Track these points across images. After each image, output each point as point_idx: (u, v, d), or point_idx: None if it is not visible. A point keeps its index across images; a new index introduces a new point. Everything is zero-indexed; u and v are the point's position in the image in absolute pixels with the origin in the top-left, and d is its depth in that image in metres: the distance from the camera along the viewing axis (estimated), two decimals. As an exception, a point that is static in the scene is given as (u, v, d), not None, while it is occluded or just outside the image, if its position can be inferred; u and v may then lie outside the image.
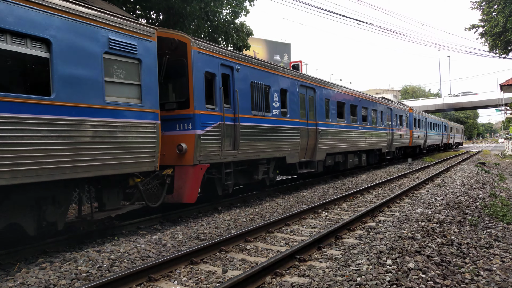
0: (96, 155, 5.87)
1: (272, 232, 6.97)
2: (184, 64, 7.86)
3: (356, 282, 4.10)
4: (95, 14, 5.98)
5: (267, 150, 10.09)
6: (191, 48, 7.87)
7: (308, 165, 12.65)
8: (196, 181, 7.89)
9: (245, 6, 14.77)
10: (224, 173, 8.81)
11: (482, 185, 12.09)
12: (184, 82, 7.90)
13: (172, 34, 8.02)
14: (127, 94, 6.51)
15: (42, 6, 5.24)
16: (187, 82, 7.85)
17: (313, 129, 12.55)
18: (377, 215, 8.29)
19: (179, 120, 7.91)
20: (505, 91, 31.77)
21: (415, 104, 59.00)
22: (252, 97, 9.58)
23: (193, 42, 7.92)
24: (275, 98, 10.60)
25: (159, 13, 13.41)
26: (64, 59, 5.51)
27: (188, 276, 4.87)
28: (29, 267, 5.12)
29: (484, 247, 5.67)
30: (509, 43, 26.02)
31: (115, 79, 6.31)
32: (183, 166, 7.81)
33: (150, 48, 6.91)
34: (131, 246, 5.96)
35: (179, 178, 7.80)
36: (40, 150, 5.19)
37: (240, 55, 9.62)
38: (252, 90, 9.60)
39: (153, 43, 6.98)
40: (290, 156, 11.13)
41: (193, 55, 7.87)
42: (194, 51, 7.90)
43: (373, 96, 21.19)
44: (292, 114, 11.35)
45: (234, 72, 9.00)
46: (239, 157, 9.08)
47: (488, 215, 7.89)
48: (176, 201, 7.82)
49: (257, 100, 9.79)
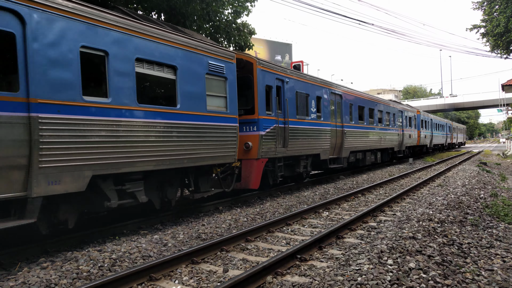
0: (200, 149, 7.84)
1: (273, 232, 6.97)
2: (250, 79, 9.85)
3: (357, 281, 4.10)
4: (201, 46, 8.02)
5: (307, 148, 12.12)
6: (256, 66, 9.86)
7: (336, 161, 14.58)
8: (259, 171, 9.89)
9: (247, 6, 14.78)
10: (277, 166, 10.83)
11: (483, 185, 12.07)
12: (250, 93, 9.89)
13: (241, 56, 9.94)
14: (218, 104, 8.51)
15: (172, 43, 7.27)
16: (253, 93, 9.85)
17: (340, 130, 14.57)
18: (378, 215, 8.28)
19: (246, 123, 9.85)
20: (506, 91, 31.73)
21: (417, 104, 58.92)
22: (296, 104, 11.59)
23: (258, 62, 9.96)
24: (313, 104, 12.65)
25: (161, 13, 13.43)
26: (184, 80, 7.49)
27: (189, 275, 4.87)
28: (30, 267, 5.13)
29: (485, 247, 5.66)
30: (510, 43, 25.98)
31: (211, 93, 8.28)
32: (249, 160, 9.76)
33: (232, 68, 8.93)
34: (132, 245, 5.97)
35: (245, 169, 9.77)
36: (171, 145, 7.16)
37: (289, 70, 11.70)
38: (296, 98, 11.62)
39: (233, 64, 9.03)
40: (323, 153, 13.19)
41: (258, 72, 9.87)
42: (258, 69, 9.90)
43: (387, 100, 23.32)
44: (325, 117, 13.46)
45: (284, 84, 11.04)
46: (287, 153, 11.07)
47: (489, 215, 7.87)
48: (243, 187, 9.87)
49: (300, 106, 11.82)
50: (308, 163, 12.64)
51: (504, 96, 42.31)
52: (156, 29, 6.98)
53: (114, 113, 6.13)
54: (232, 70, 8.90)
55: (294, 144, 11.35)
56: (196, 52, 7.82)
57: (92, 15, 5.87)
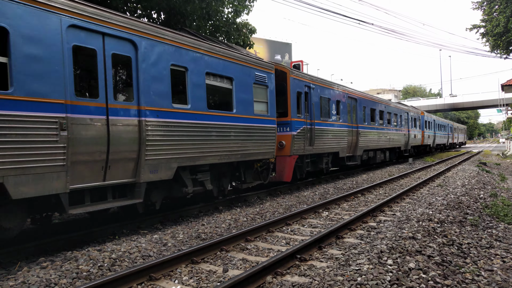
0: (249, 147, 9.42)
1: (273, 232, 6.97)
2: (284, 87, 11.46)
3: (357, 282, 4.10)
4: (250, 60, 9.65)
5: (329, 146, 13.83)
6: (289, 75, 11.60)
7: (351, 159, 16.26)
8: (291, 166, 11.49)
9: (247, 4, 14.76)
10: (305, 162, 12.48)
11: (483, 185, 12.08)
12: (284, 99, 11.47)
13: (277, 67, 11.53)
14: (261, 108, 10.01)
15: (230, 58, 8.87)
16: (286, 99, 11.46)
17: (355, 130, 16.26)
18: (378, 215, 8.28)
19: (280, 125, 11.26)
20: (506, 91, 31.74)
21: (417, 104, 58.89)
22: (320, 107, 13.26)
23: (290, 71, 11.69)
24: (333, 107, 14.37)
25: (160, 12, 13.41)
26: (238, 88, 9.10)
27: (188, 275, 4.87)
28: (30, 266, 5.12)
29: (485, 247, 5.66)
30: (510, 43, 25.98)
31: (257, 99, 9.81)
32: (283, 156, 11.30)
33: (271, 77, 10.52)
34: (132, 245, 5.97)
35: (279, 165, 11.31)
36: (230, 143, 8.77)
37: (315, 77, 13.54)
38: (320, 102, 13.31)
39: (273, 74, 10.63)
40: (341, 151, 14.86)
41: (290, 80, 11.56)
42: (291, 78, 11.61)
43: (394, 103, 24.89)
44: (343, 119, 15.17)
45: (311, 90, 12.73)
46: (313, 151, 12.73)
47: (489, 215, 7.88)
48: (278, 180, 11.57)
49: (324, 109, 13.50)
50: (329, 160, 14.34)
51: (503, 96, 42.33)
52: (219, 48, 8.59)
53: (192, 117, 7.74)
54: (272, 80, 10.54)
55: (319, 143, 13.01)
56: (247, 66, 9.46)
57: (178, 40, 7.48)
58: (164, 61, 7.13)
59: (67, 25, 5.58)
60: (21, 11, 5.04)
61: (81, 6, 5.82)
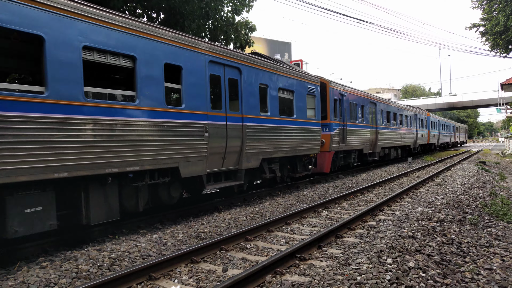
0: (303, 144, 11.89)
1: (273, 231, 6.97)
2: (325, 95, 14.24)
3: (357, 281, 4.10)
4: (304, 75, 12.40)
5: (356, 143, 16.69)
6: (329, 86, 14.47)
7: (372, 155, 19.09)
8: (330, 160, 14.38)
9: (248, 2, 14.70)
10: (339, 157, 15.50)
11: (482, 184, 12.09)
12: (324, 105, 14.22)
13: (320, 79, 13.96)
14: (311, 113, 12.55)
15: (292, 76, 11.59)
16: (326, 105, 14.29)
17: (375, 131, 19.09)
18: (378, 214, 8.29)
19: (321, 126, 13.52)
20: (505, 90, 31.75)
21: (416, 103, 58.91)
22: (350, 111, 16.11)
23: (330, 82, 14.65)
24: (359, 111, 17.29)
25: (160, 12, 13.39)
26: (297, 99, 11.68)
27: (188, 275, 4.87)
28: (29, 266, 5.12)
29: (484, 246, 5.67)
30: (510, 42, 25.96)
31: (308, 106, 12.34)
32: (323, 152, 14.02)
33: (318, 88, 13.16)
34: (132, 245, 5.97)
35: (320, 159, 14.14)
36: (292, 141, 11.33)
37: (347, 86, 16.49)
38: (350, 107, 16.15)
39: (318, 86, 13.30)
40: (365, 148, 17.83)
41: (330, 90, 14.45)
42: (330, 88, 14.48)
43: (405, 105, 27.84)
44: (366, 120, 17.98)
45: (343, 97, 15.53)
46: (345, 147, 15.57)
47: (488, 214, 7.88)
48: (319, 171, 14.35)
49: (352, 112, 16.38)
50: (355, 155, 17.29)
51: (503, 95, 42.34)
52: (284, 68, 11.19)
53: (271, 121, 10.29)
54: (318, 90, 13.15)
55: (349, 141, 15.76)
56: (302, 80, 12.08)
57: (263, 65, 10.12)
58: (256, 81, 9.76)
59: (208, 60, 8.19)
60: (188, 54, 7.70)
61: (214, 47, 8.46)
